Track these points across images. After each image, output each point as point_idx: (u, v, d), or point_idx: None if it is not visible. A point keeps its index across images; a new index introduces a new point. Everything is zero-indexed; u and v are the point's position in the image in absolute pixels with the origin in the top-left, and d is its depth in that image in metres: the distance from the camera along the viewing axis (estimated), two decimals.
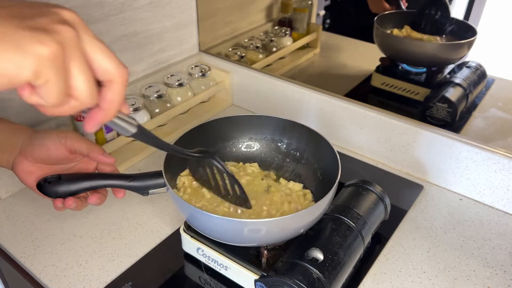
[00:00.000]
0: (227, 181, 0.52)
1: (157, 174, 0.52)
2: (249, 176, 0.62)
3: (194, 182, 0.58)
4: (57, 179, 0.49)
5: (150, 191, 0.52)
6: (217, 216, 0.47)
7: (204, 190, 0.56)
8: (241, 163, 0.65)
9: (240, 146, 0.68)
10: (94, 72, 0.31)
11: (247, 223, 0.47)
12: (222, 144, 0.67)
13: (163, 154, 0.54)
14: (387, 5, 0.98)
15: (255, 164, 0.65)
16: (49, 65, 0.27)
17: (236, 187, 0.52)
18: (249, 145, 0.68)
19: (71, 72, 0.29)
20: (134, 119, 0.37)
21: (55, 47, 0.27)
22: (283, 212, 0.56)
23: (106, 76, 0.31)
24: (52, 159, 0.50)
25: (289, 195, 0.59)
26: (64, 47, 0.28)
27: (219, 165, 0.51)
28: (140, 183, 0.51)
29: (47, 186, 0.49)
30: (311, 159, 0.64)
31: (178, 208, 0.53)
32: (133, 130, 0.37)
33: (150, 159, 0.84)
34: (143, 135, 0.39)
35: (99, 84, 0.32)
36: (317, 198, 0.60)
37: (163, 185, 0.51)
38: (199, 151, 0.51)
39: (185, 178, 0.59)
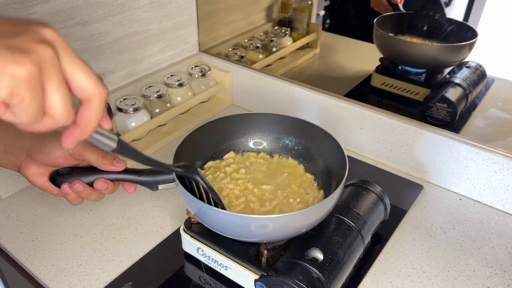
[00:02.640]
0: (210, 195, 0.53)
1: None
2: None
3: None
4: (69, 172, 0.50)
5: (160, 186, 0.52)
6: (224, 211, 0.48)
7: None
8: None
9: (248, 143, 0.68)
10: (72, 90, 0.31)
11: (254, 219, 0.48)
12: (231, 141, 0.67)
13: (173, 149, 0.55)
14: (387, 4, 0.98)
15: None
16: (24, 85, 0.27)
17: (216, 201, 0.53)
18: (258, 142, 0.68)
19: (47, 91, 0.29)
20: (115, 134, 0.37)
21: (31, 67, 0.28)
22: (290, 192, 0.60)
23: (83, 95, 0.32)
24: (61, 165, 0.51)
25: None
26: (41, 67, 0.28)
27: (202, 182, 0.52)
28: (149, 178, 0.52)
29: (59, 178, 0.49)
30: (318, 157, 0.64)
31: (186, 203, 0.53)
32: (113, 145, 0.37)
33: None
34: (124, 150, 0.39)
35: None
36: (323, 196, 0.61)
37: (172, 180, 0.52)
38: (184, 166, 0.51)
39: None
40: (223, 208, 0.54)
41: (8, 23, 0.29)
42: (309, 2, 1.14)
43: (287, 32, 1.14)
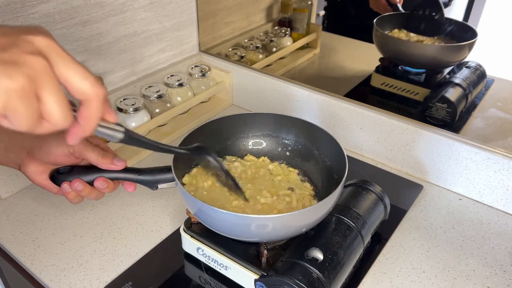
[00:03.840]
0: (223, 176, 0.55)
1: (166, 169, 0.52)
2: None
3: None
4: (69, 170, 0.50)
5: (159, 185, 0.52)
6: (224, 211, 0.48)
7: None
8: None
9: (248, 143, 0.68)
10: (70, 92, 0.33)
11: (254, 218, 0.48)
12: (231, 141, 0.67)
13: None
14: (386, 4, 0.98)
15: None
16: (16, 98, 0.29)
17: (231, 182, 0.54)
18: (257, 142, 0.68)
19: (42, 99, 0.30)
20: (120, 126, 0.39)
21: (22, 80, 0.29)
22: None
23: (81, 96, 0.33)
24: (62, 164, 0.51)
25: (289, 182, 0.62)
26: (33, 77, 0.29)
27: (214, 161, 0.53)
28: (149, 177, 0.52)
29: (59, 177, 0.49)
30: (318, 158, 0.64)
31: (186, 203, 0.53)
32: (120, 135, 0.39)
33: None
34: (132, 139, 0.40)
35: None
36: (323, 196, 0.61)
37: (172, 180, 0.52)
38: (196, 148, 0.53)
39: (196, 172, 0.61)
40: (237, 186, 0.54)
41: (3, 34, 0.30)
42: (309, 2, 1.14)
43: (287, 32, 1.14)
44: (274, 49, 1.11)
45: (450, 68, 0.91)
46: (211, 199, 0.57)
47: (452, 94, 0.82)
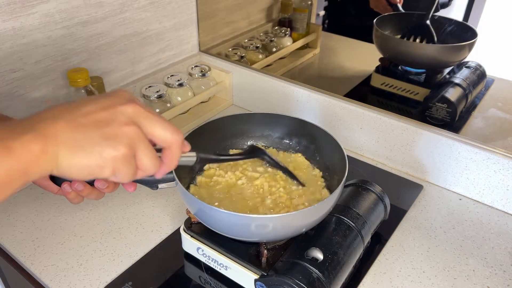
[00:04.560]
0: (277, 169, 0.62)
1: None
2: None
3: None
4: None
5: (159, 185, 0.52)
6: (224, 211, 0.48)
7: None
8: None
9: (248, 143, 0.68)
10: (156, 142, 0.40)
11: (254, 218, 0.48)
12: (231, 141, 0.67)
13: None
14: (386, 4, 0.98)
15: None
16: (121, 163, 0.37)
17: (286, 173, 0.61)
18: (257, 142, 0.68)
19: (138, 157, 0.38)
20: (193, 153, 0.48)
21: (124, 149, 0.37)
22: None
23: (165, 144, 0.41)
24: None
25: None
26: (131, 145, 0.37)
27: (269, 159, 0.60)
28: (149, 176, 0.52)
29: (60, 177, 0.49)
30: (318, 157, 0.64)
31: (186, 203, 0.53)
32: (194, 159, 0.48)
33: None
34: (202, 159, 0.49)
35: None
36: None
37: (172, 180, 0.52)
38: (251, 150, 0.61)
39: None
40: (292, 175, 0.60)
41: (101, 108, 0.37)
42: (309, 2, 1.14)
43: (287, 32, 1.14)
44: (274, 49, 1.11)
45: (450, 68, 0.91)
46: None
47: (452, 94, 0.82)
